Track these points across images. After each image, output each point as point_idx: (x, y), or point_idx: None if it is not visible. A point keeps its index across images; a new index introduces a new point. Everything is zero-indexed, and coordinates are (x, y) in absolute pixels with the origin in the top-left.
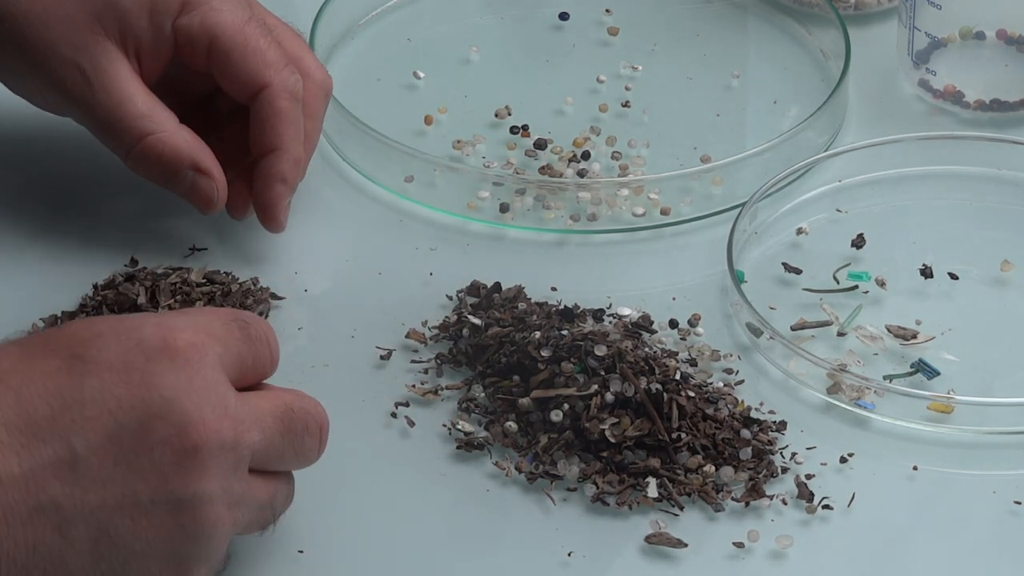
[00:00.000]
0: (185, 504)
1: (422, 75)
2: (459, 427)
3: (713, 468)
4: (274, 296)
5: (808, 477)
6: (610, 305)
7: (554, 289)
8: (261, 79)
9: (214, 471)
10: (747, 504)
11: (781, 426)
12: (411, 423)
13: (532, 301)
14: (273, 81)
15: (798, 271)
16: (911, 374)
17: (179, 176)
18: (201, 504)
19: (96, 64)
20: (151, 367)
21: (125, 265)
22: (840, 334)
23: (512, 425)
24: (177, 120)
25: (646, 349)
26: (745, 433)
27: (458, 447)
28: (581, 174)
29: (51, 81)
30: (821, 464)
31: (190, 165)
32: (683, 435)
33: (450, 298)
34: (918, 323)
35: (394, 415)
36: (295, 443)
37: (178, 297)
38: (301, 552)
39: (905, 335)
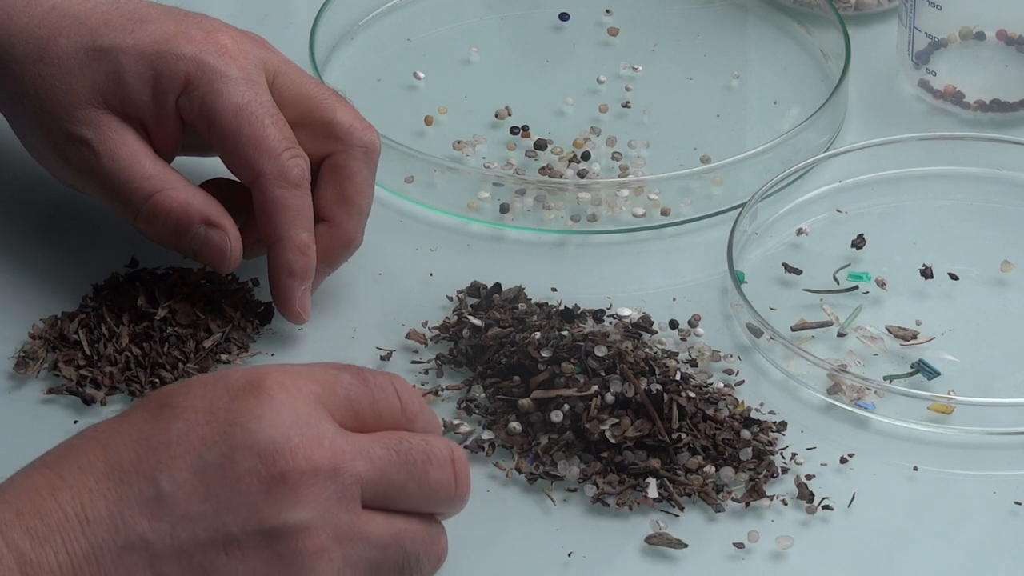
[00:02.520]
0: (279, 533)
1: (422, 75)
2: (460, 428)
3: (713, 469)
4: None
5: (808, 477)
6: (610, 306)
7: (554, 290)
8: (254, 167)
9: (308, 499)
10: (747, 504)
11: (781, 426)
12: None
13: (532, 302)
14: (266, 169)
15: (798, 271)
16: (911, 374)
17: (191, 232)
18: (298, 533)
19: (102, 134)
20: (236, 405)
21: (125, 265)
22: (840, 334)
23: (516, 426)
24: (187, 180)
25: (646, 350)
26: (745, 433)
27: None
28: (581, 174)
29: (59, 153)
30: (821, 464)
31: (201, 219)
32: (683, 436)
33: (450, 298)
34: (918, 323)
35: None
36: (415, 475)
37: (179, 297)
38: None
39: (905, 335)
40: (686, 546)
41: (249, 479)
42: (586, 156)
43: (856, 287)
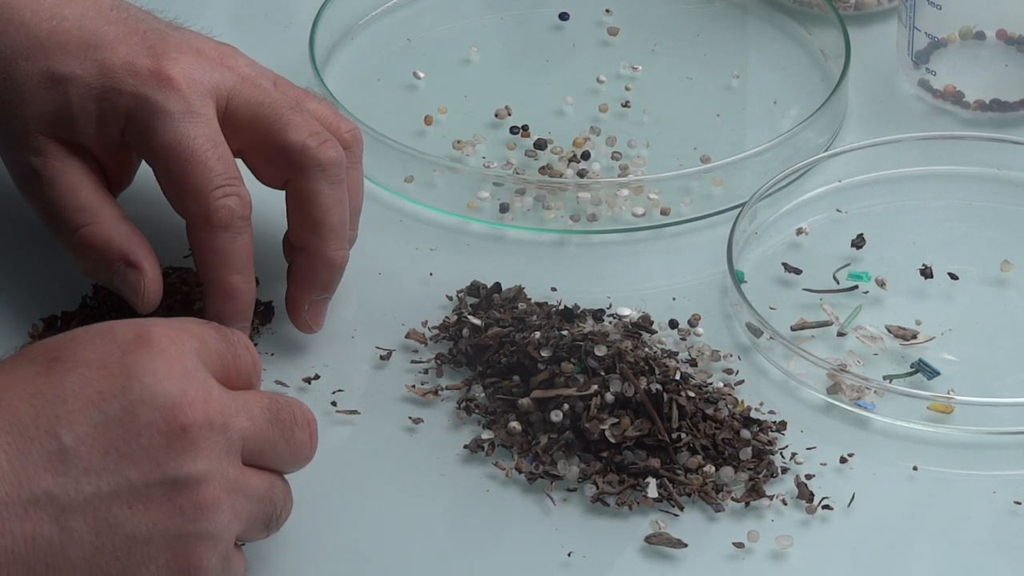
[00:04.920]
0: (180, 484)
1: (422, 75)
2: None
3: (713, 468)
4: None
5: (808, 477)
6: (610, 305)
7: (554, 289)
8: (182, 209)
9: (205, 451)
10: (747, 504)
11: (781, 426)
12: (417, 421)
13: (532, 301)
14: (191, 212)
15: (798, 271)
16: (911, 374)
17: (111, 268)
18: (197, 484)
19: (47, 162)
20: (128, 359)
21: None
22: (840, 334)
23: (515, 426)
24: (120, 215)
25: (646, 349)
26: (745, 433)
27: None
28: (581, 174)
29: (13, 175)
30: (821, 464)
31: (120, 257)
32: (683, 435)
33: (450, 298)
34: (918, 323)
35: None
36: (285, 434)
37: (178, 297)
38: (301, 552)
39: (905, 335)
40: (686, 546)
41: (150, 432)
42: (586, 156)
43: (856, 287)
